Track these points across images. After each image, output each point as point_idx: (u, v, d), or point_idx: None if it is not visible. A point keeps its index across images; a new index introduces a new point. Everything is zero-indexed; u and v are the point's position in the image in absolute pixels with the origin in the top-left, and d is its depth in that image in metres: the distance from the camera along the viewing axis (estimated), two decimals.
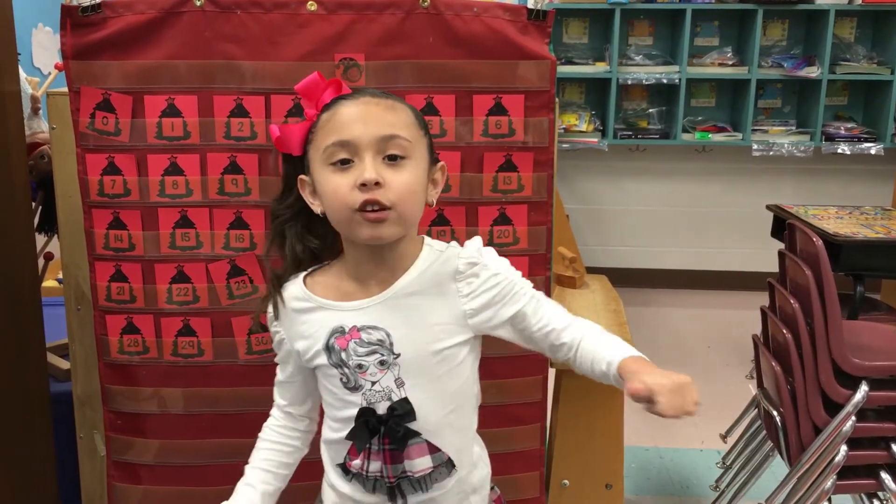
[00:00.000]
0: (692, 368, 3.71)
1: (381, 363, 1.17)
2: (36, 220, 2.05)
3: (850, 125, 4.58)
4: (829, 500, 1.97)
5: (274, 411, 1.34)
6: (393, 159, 1.12)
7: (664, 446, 2.95)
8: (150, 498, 1.77)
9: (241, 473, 1.77)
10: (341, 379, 1.19)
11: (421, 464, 1.19)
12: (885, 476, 1.92)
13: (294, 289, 1.23)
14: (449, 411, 1.21)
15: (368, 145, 1.11)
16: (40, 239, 2.07)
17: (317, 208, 1.18)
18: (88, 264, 1.67)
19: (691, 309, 4.61)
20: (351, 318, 1.18)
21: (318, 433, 1.32)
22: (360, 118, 1.12)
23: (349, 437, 1.20)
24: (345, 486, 1.24)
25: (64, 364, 2.10)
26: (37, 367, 1.93)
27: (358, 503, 1.24)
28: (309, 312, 1.21)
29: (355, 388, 1.19)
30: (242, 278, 1.67)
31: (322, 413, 1.30)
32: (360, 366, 1.17)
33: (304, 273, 1.24)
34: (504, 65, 1.63)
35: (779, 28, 4.66)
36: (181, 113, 1.60)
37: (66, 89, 1.62)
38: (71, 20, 1.56)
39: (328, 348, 1.19)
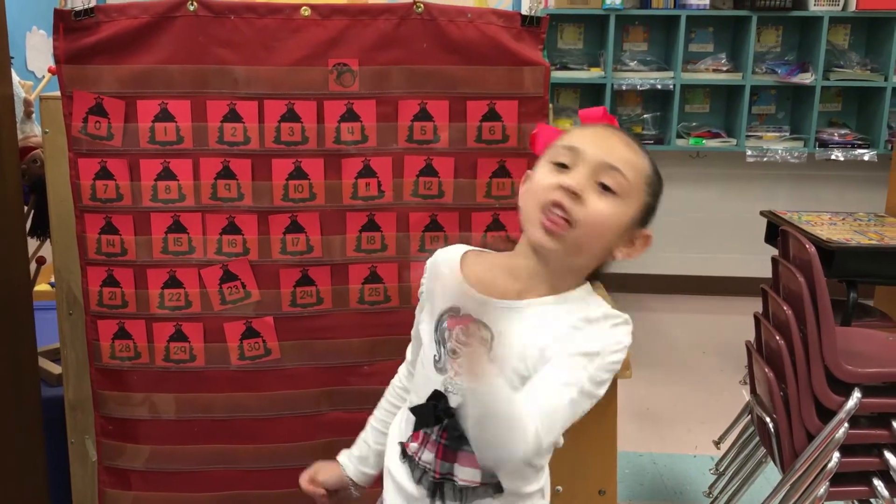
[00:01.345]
0: (686, 374, 3.72)
1: None
2: (28, 224, 2.05)
3: (843, 131, 4.59)
4: None
5: (400, 368, 1.35)
6: (604, 189, 1.10)
7: (658, 452, 2.95)
8: (141, 503, 1.76)
9: (232, 480, 1.78)
10: (434, 356, 1.18)
11: (469, 474, 1.16)
12: (877, 483, 1.92)
13: (453, 253, 1.24)
14: None
15: (589, 162, 1.10)
16: (32, 243, 2.07)
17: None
18: (80, 269, 1.67)
19: (685, 314, 4.62)
20: (472, 305, 1.16)
21: None
22: (599, 139, 1.13)
23: (413, 410, 1.19)
24: (397, 468, 1.22)
25: (56, 369, 2.09)
26: (28, 372, 1.92)
27: (400, 488, 1.21)
28: (446, 279, 1.21)
29: (442, 370, 1.17)
30: (235, 283, 1.66)
31: None
32: (454, 352, 1.16)
33: (469, 248, 1.24)
34: (498, 71, 1.63)
35: (773, 34, 4.67)
36: (174, 117, 1.60)
37: (59, 93, 1.61)
38: (64, 24, 1.55)
39: (439, 321, 1.18)
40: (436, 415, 1.16)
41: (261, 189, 1.63)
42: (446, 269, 1.22)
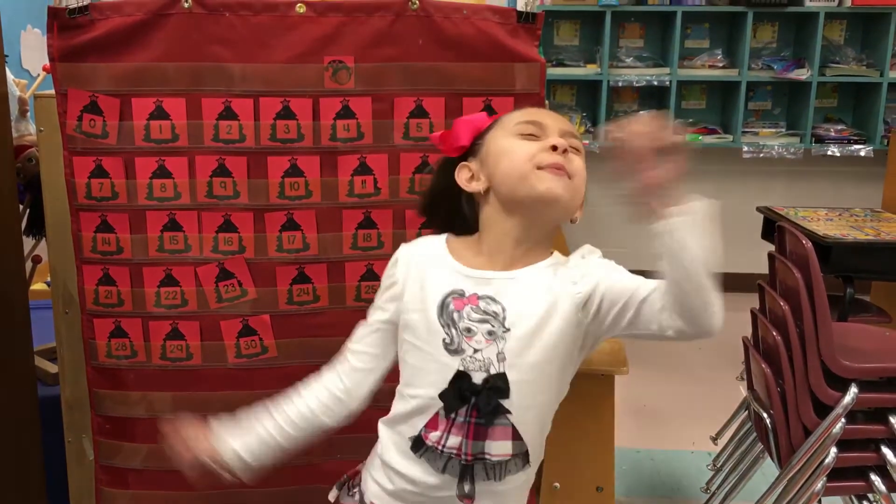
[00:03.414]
0: (683, 370, 3.72)
1: (490, 333, 1.18)
2: (24, 223, 2.04)
3: (839, 127, 4.60)
4: (820, 501, 1.97)
5: (340, 358, 1.34)
6: (566, 152, 1.20)
7: (655, 448, 2.95)
8: (139, 502, 1.76)
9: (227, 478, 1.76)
10: (444, 339, 1.19)
11: (501, 448, 1.18)
12: (874, 478, 1.92)
13: (434, 241, 1.29)
14: (539, 402, 1.21)
15: (555, 130, 1.21)
16: (28, 242, 2.06)
17: (479, 187, 1.24)
18: (76, 268, 1.66)
19: None
20: (473, 285, 1.20)
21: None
22: (548, 114, 1.25)
23: (442, 395, 1.19)
24: (409, 467, 1.21)
25: (52, 368, 2.08)
26: (25, 371, 1.92)
27: (417, 484, 1.21)
28: (436, 267, 1.24)
29: (456, 352, 1.18)
30: (231, 281, 1.66)
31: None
32: (468, 329, 1.18)
33: (448, 234, 1.29)
34: (493, 67, 1.62)
35: (769, 30, 4.67)
36: (169, 115, 1.59)
37: (53, 91, 1.61)
38: (58, 22, 1.55)
39: (442, 305, 1.20)
40: (461, 395, 1.17)
41: (257, 187, 1.63)
42: (428, 258, 1.26)
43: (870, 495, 1.98)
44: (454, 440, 1.18)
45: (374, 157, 1.64)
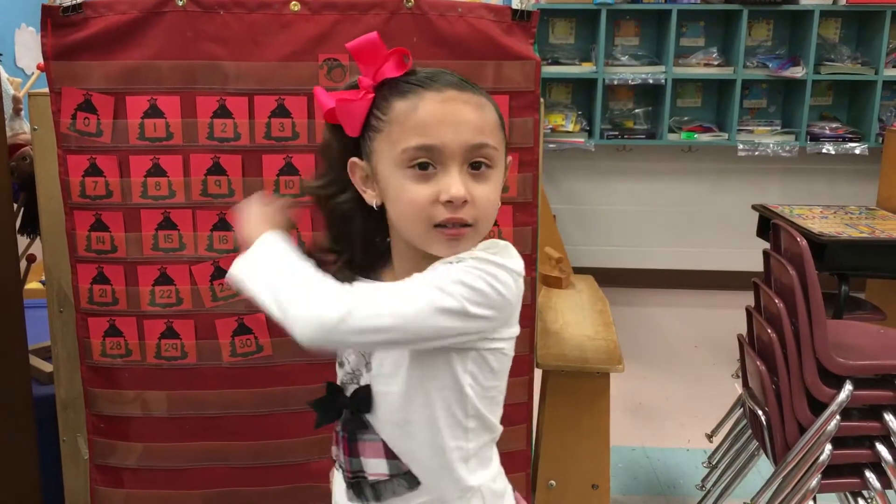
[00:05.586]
0: (678, 368, 3.73)
1: None
2: (18, 222, 2.04)
3: (834, 125, 4.60)
4: (814, 498, 1.97)
5: None
6: (477, 167, 1.00)
7: (650, 446, 2.96)
8: (134, 501, 1.76)
9: (224, 477, 1.77)
10: (335, 353, 1.14)
11: (375, 466, 1.08)
12: (869, 475, 1.92)
13: None
14: (418, 419, 1.05)
15: (455, 154, 0.98)
16: (23, 241, 2.05)
17: (371, 199, 1.05)
18: (70, 266, 1.66)
19: (677, 308, 4.63)
20: None
21: None
22: (449, 121, 0.98)
23: (314, 405, 1.13)
24: (336, 476, 1.17)
25: (47, 367, 2.08)
26: (19, 370, 1.91)
27: (337, 497, 1.16)
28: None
29: (340, 364, 1.14)
30: (226, 280, 1.66)
31: None
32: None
33: None
34: (489, 65, 1.62)
35: (764, 28, 4.67)
36: (164, 114, 1.59)
37: (47, 90, 1.60)
38: (52, 20, 1.54)
39: None
40: (333, 408, 1.11)
41: (252, 185, 1.62)
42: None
43: (864, 492, 1.98)
44: (341, 456, 1.12)
45: None
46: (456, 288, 0.96)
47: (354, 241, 1.11)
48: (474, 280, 0.97)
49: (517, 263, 1.03)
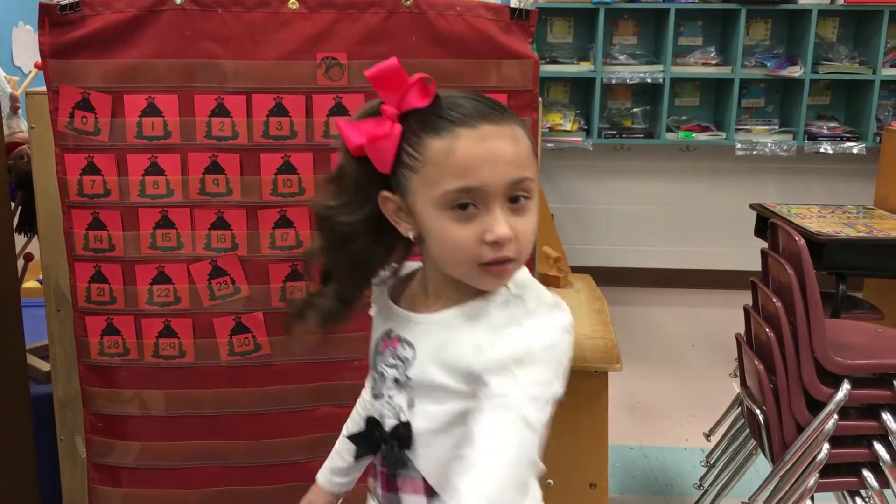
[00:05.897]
0: (676, 367, 3.73)
1: (396, 380, 1.07)
2: (15, 221, 2.03)
3: (832, 124, 4.60)
4: (812, 497, 1.97)
5: (367, 379, 1.23)
6: (515, 200, 0.98)
7: (648, 445, 2.96)
8: (131, 500, 1.75)
9: (222, 476, 1.77)
10: (372, 384, 1.13)
11: (414, 502, 1.07)
12: (867, 474, 1.93)
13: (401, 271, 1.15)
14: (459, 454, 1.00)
15: (497, 193, 0.96)
16: (20, 239, 2.05)
17: (407, 231, 1.03)
18: (68, 265, 1.66)
19: (675, 308, 4.63)
20: (402, 326, 1.09)
21: None
22: (489, 160, 0.95)
23: (352, 438, 1.13)
24: None
25: (44, 366, 2.08)
26: (17, 369, 1.91)
27: None
28: (382, 303, 1.14)
29: (378, 396, 1.11)
30: (224, 279, 1.66)
31: None
32: (383, 375, 1.10)
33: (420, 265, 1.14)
34: (487, 64, 1.62)
35: (762, 28, 4.68)
36: (161, 112, 1.59)
37: (45, 88, 1.60)
38: (49, 18, 1.54)
39: (376, 345, 1.12)
40: (374, 442, 1.09)
41: (249, 184, 1.62)
42: (380, 293, 1.15)
43: (862, 491, 1.99)
44: (378, 490, 1.11)
45: None
46: (536, 413, 0.96)
47: (346, 262, 1.09)
48: (549, 382, 1.00)
49: (569, 325, 1.06)
